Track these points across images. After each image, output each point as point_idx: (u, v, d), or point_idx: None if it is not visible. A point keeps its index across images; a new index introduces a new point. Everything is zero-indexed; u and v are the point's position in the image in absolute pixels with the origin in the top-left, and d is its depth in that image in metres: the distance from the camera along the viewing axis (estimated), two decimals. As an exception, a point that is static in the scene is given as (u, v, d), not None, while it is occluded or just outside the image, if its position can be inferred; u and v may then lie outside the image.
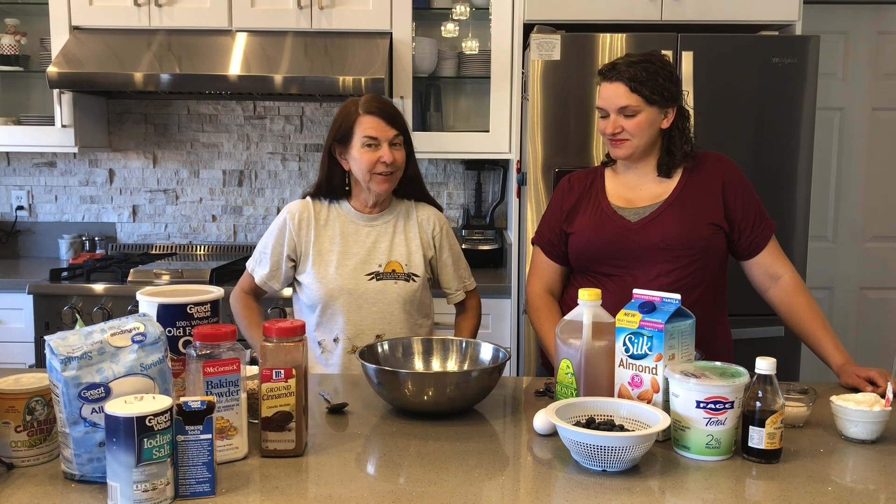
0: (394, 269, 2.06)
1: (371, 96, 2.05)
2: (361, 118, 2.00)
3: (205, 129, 3.69)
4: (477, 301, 2.25)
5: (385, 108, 2.02)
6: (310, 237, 2.06)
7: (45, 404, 1.36)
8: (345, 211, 2.10)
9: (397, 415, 1.63)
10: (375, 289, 2.04)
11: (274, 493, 1.26)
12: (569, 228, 2.00)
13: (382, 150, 1.98)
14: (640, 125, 1.88)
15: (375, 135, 1.98)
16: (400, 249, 2.08)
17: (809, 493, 1.27)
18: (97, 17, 3.21)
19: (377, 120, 1.99)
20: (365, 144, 1.99)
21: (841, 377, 1.80)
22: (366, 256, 2.05)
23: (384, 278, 2.04)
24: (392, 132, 2.00)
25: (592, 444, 1.31)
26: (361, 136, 1.99)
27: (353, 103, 2.04)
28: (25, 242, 3.74)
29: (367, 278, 2.04)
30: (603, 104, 1.91)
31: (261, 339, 1.39)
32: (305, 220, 2.07)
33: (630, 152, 1.91)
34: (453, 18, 3.45)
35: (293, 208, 2.09)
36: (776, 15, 2.93)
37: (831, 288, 3.77)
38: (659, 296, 1.51)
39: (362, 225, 2.09)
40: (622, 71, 1.87)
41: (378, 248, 2.07)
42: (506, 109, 3.21)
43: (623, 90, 1.86)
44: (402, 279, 2.06)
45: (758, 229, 1.94)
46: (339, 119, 2.04)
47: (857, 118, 3.70)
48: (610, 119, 1.89)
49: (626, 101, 1.86)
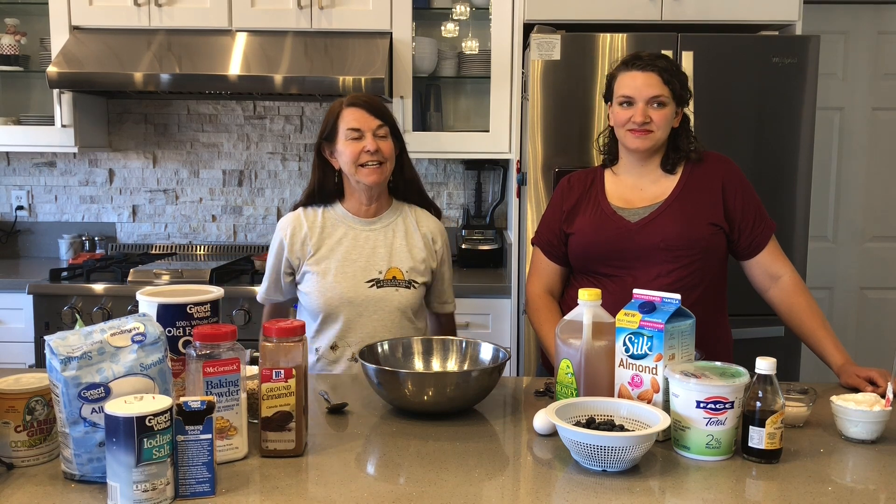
0: (394, 275, 2.03)
1: (356, 93, 2.05)
2: (344, 111, 2.00)
3: (205, 129, 3.69)
4: (453, 324, 2.27)
5: (368, 100, 2.02)
6: (306, 248, 2.04)
7: (45, 404, 1.36)
8: (340, 215, 2.08)
9: (397, 415, 1.62)
10: (376, 297, 2.01)
11: (274, 493, 1.25)
12: (569, 229, 2.00)
13: (366, 140, 1.97)
14: (666, 118, 1.88)
15: (358, 125, 1.97)
16: (401, 255, 2.05)
17: (809, 493, 1.27)
18: (97, 17, 3.21)
19: (359, 111, 1.99)
20: (349, 137, 1.98)
21: (841, 377, 1.80)
22: (365, 263, 2.03)
23: (385, 286, 2.02)
24: (375, 122, 1.99)
25: (592, 444, 1.31)
26: (345, 129, 1.98)
27: (338, 101, 2.04)
28: (25, 242, 3.74)
29: (367, 286, 2.01)
30: (632, 92, 1.87)
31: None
32: (299, 231, 2.05)
33: (652, 144, 1.90)
34: (453, 18, 3.44)
35: (284, 223, 2.09)
36: (776, 15, 2.93)
37: (831, 288, 3.77)
38: (659, 296, 1.51)
39: (361, 229, 2.06)
40: (654, 62, 1.87)
41: (377, 254, 2.04)
42: (506, 109, 3.21)
43: (657, 80, 1.86)
44: (402, 286, 2.03)
45: (758, 229, 1.94)
46: (325, 119, 2.05)
47: (857, 118, 3.70)
48: (638, 108, 1.87)
49: (658, 91, 1.86)
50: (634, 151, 1.93)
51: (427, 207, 2.17)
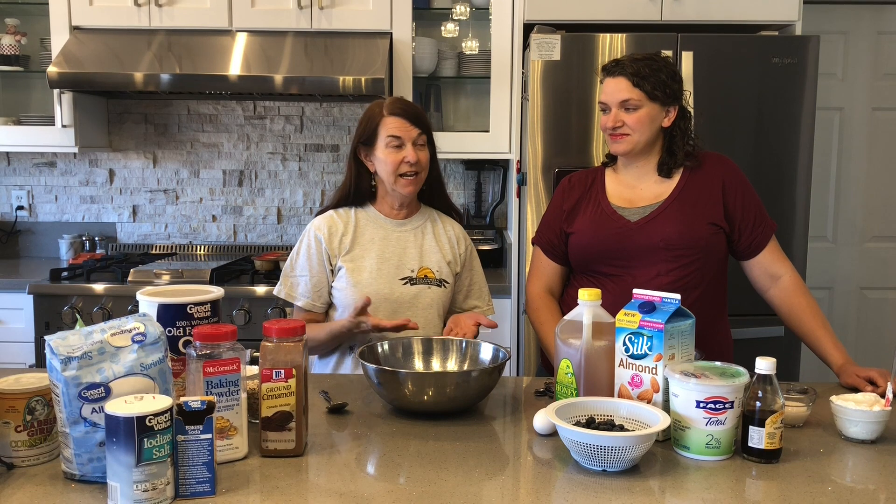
0: (426, 274, 2.05)
1: (396, 98, 2.05)
2: (385, 119, 1.99)
3: (205, 129, 3.69)
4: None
5: (409, 108, 2.02)
6: (343, 244, 2.03)
7: (46, 404, 1.36)
8: (372, 216, 2.08)
9: (397, 415, 1.63)
10: (411, 293, 2.02)
11: (274, 493, 1.26)
12: (569, 228, 2.00)
13: (406, 150, 1.98)
14: (641, 120, 1.88)
15: (399, 134, 1.98)
16: (431, 256, 2.07)
17: (809, 493, 1.27)
18: (97, 17, 3.21)
19: (401, 120, 1.99)
20: (390, 145, 1.98)
21: (841, 377, 1.80)
22: (398, 262, 2.04)
23: (418, 283, 2.03)
24: (416, 131, 1.99)
25: (592, 443, 1.31)
26: (386, 137, 1.98)
27: (377, 105, 2.03)
28: (25, 242, 3.74)
29: (401, 283, 2.02)
30: (605, 98, 1.92)
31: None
32: (335, 231, 2.04)
33: (629, 148, 1.91)
34: (453, 18, 3.45)
35: (319, 222, 2.06)
36: (776, 15, 2.93)
37: (831, 288, 3.77)
38: (659, 296, 1.51)
39: (391, 230, 2.07)
40: (625, 66, 1.89)
41: (408, 254, 2.05)
42: (506, 109, 3.21)
43: (625, 84, 1.88)
44: (434, 284, 2.05)
45: (758, 229, 1.94)
46: (363, 122, 2.04)
47: (857, 118, 3.70)
48: (611, 113, 1.91)
49: (627, 95, 1.87)
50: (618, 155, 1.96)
51: (448, 211, 2.19)
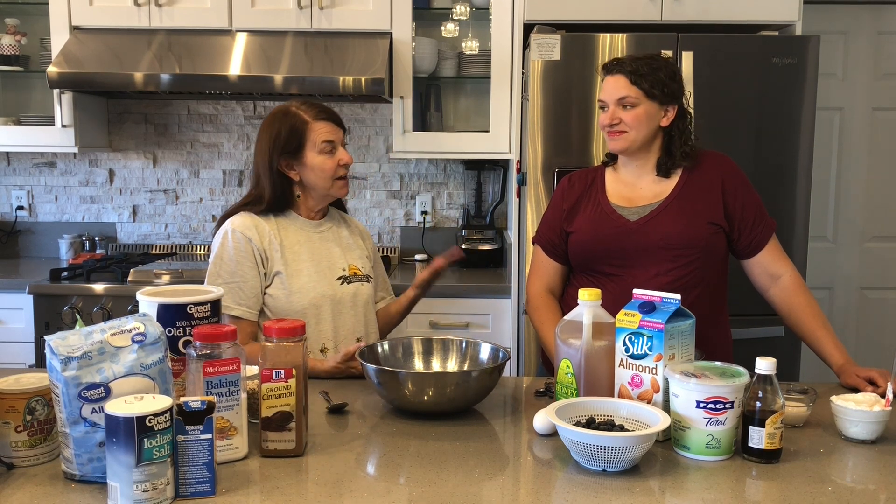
0: (355, 272, 2.07)
1: (307, 102, 2.01)
2: (313, 125, 1.96)
3: (205, 129, 3.69)
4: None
5: (330, 111, 2.02)
6: (273, 248, 1.96)
7: (46, 404, 1.36)
8: (291, 219, 2.03)
9: (397, 415, 1.63)
10: (350, 292, 2.04)
11: (274, 493, 1.25)
12: (569, 227, 2.00)
13: (340, 153, 1.99)
14: (638, 118, 1.89)
15: (332, 138, 1.97)
16: (353, 253, 2.09)
17: (809, 493, 1.27)
18: (97, 17, 3.21)
19: (330, 124, 1.99)
20: (324, 151, 1.96)
21: (841, 377, 1.80)
22: (329, 262, 2.04)
23: (353, 281, 2.05)
24: (342, 133, 2.02)
25: (592, 444, 1.31)
26: (320, 143, 1.95)
27: (292, 115, 1.96)
28: (25, 242, 3.74)
29: (339, 283, 2.03)
30: (604, 96, 1.94)
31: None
32: (263, 230, 1.97)
33: (626, 145, 1.92)
34: (453, 18, 3.44)
35: (246, 223, 1.95)
36: (776, 15, 2.93)
37: (831, 288, 3.77)
38: (659, 296, 1.51)
39: (312, 232, 2.05)
40: (625, 64, 1.91)
41: (334, 254, 2.05)
42: (506, 109, 3.21)
43: (623, 82, 1.89)
44: (364, 280, 2.08)
45: (758, 228, 1.94)
46: (283, 132, 1.95)
47: (857, 118, 3.70)
48: (609, 110, 1.91)
49: (625, 92, 1.88)
50: (615, 153, 1.97)
51: (343, 209, 2.21)
